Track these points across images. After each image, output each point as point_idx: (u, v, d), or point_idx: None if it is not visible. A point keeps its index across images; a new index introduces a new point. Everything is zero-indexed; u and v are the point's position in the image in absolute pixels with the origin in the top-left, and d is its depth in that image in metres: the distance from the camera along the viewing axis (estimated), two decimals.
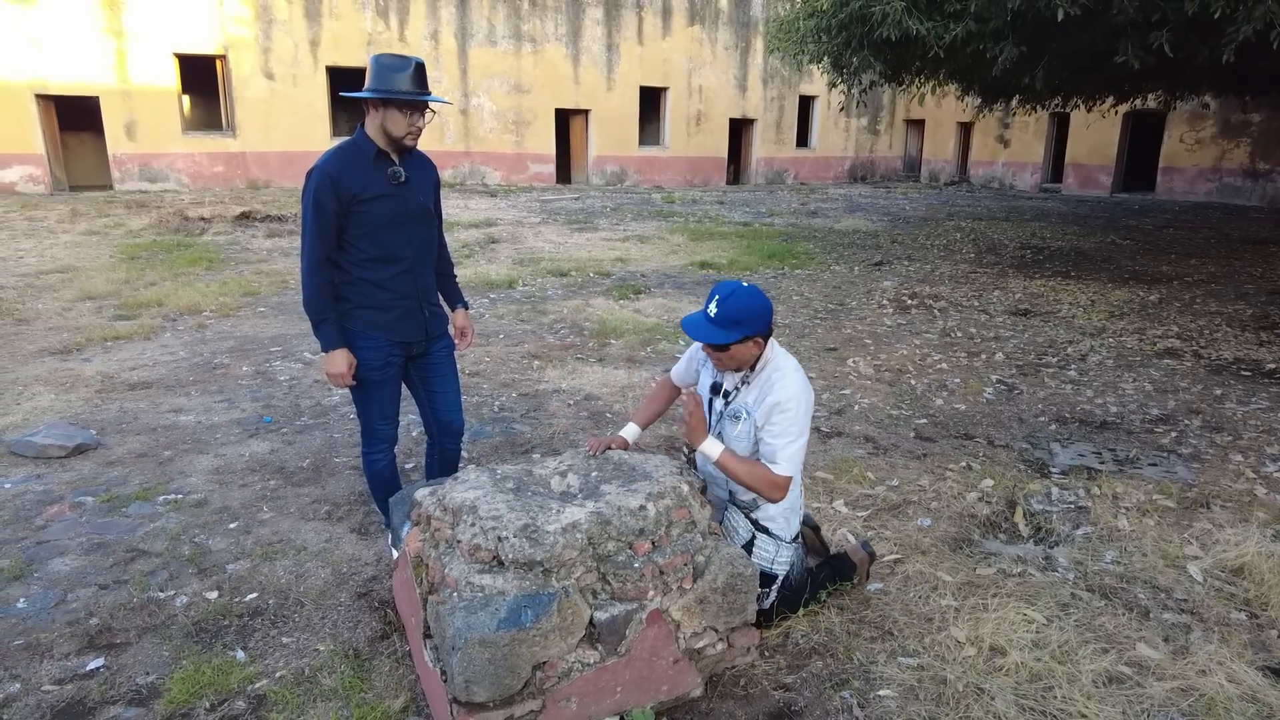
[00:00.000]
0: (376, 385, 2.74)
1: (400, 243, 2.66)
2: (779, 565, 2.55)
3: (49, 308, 6.97)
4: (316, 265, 2.56)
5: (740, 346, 2.34)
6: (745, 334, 2.31)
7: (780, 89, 23.75)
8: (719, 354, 2.38)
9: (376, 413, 2.79)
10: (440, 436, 2.97)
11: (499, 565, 2.00)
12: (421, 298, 2.77)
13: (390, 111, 2.52)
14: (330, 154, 2.58)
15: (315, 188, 2.51)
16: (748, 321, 2.30)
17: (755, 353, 2.41)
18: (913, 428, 4.62)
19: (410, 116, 2.54)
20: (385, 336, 2.70)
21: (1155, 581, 2.98)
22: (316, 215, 2.52)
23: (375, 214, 2.58)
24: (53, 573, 2.91)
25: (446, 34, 18.95)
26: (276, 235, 11.36)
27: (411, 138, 2.59)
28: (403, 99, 2.49)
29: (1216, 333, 6.84)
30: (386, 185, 2.60)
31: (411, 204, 2.67)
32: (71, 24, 15.43)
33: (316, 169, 2.54)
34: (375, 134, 2.59)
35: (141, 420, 4.44)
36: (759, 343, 2.38)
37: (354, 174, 2.54)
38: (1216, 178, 19.10)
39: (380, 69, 2.49)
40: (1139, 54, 6.34)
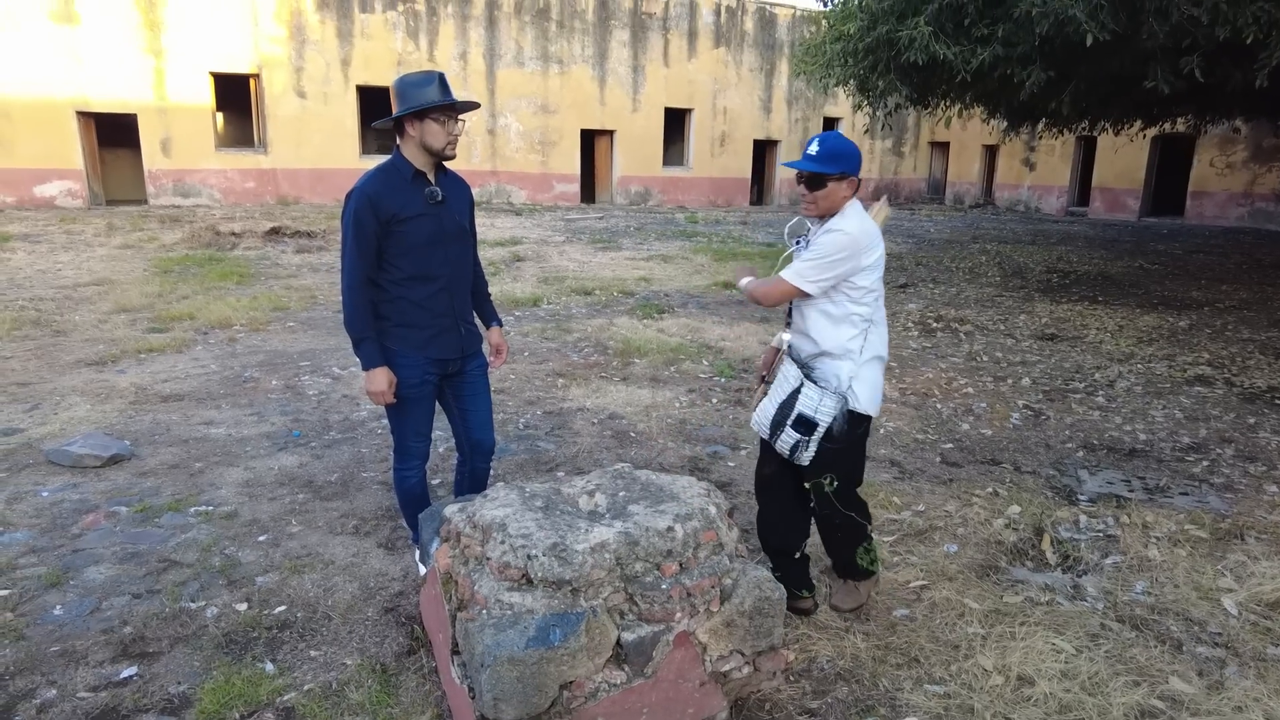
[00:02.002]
0: (412, 403, 2.78)
1: (437, 261, 2.71)
2: (821, 414, 2.57)
3: (85, 320, 7.13)
4: (357, 285, 2.61)
5: (835, 185, 2.52)
6: (842, 169, 2.50)
7: (804, 110, 23.84)
8: (814, 194, 2.55)
9: (411, 430, 2.83)
10: (472, 454, 3.00)
11: (528, 583, 2.02)
12: (458, 316, 2.81)
13: (428, 124, 2.57)
14: (369, 176, 2.63)
15: (355, 209, 2.57)
16: (844, 157, 2.51)
17: (846, 194, 2.55)
18: (939, 452, 4.59)
19: (447, 126, 2.60)
20: (422, 354, 2.74)
21: (1188, 614, 2.93)
22: (356, 235, 2.57)
23: (413, 233, 2.62)
24: (88, 581, 2.96)
25: (475, 55, 19.26)
26: (305, 251, 11.55)
27: (451, 147, 2.64)
28: (436, 108, 2.55)
29: (1249, 360, 6.73)
30: (424, 205, 2.64)
31: (448, 223, 2.72)
32: (114, 43, 15.89)
33: (356, 190, 2.59)
34: (413, 154, 2.64)
35: (174, 432, 4.52)
36: (852, 183, 2.55)
37: (392, 194, 2.59)
38: (1248, 203, 18.86)
39: (407, 88, 2.56)
40: (1169, 79, 6.31)
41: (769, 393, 2.72)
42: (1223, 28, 5.71)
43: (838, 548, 2.89)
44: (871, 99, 9.75)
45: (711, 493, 2.38)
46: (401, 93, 2.56)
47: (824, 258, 2.50)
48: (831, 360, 2.63)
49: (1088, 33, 5.76)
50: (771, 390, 2.71)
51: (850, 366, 2.63)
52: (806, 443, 2.60)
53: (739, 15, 22.26)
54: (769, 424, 2.68)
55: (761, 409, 2.73)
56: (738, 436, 4.72)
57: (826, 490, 2.71)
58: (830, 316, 2.60)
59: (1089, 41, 5.80)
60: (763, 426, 2.72)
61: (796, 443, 2.61)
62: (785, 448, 2.64)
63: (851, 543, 2.84)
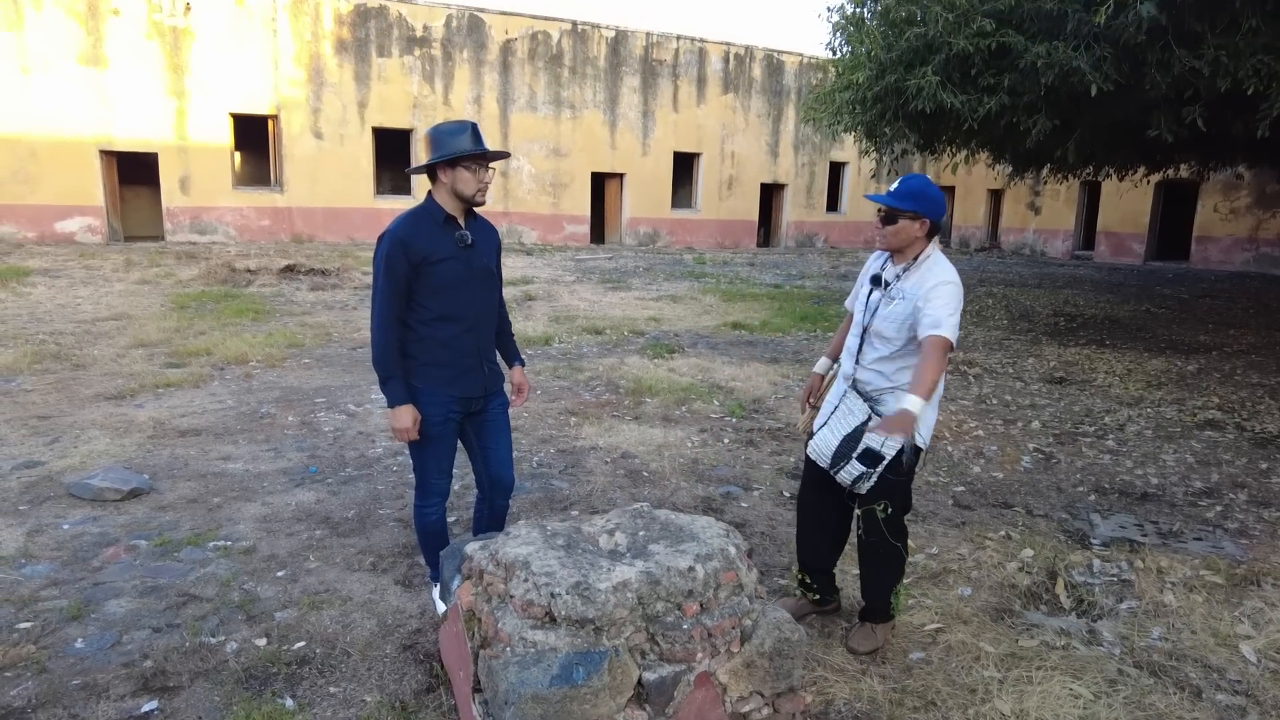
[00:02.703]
0: (436, 440, 2.83)
1: (465, 303, 2.77)
2: (888, 449, 2.66)
3: (104, 354, 7.23)
4: (387, 324, 2.68)
5: (907, 222, 2.63)
6: (916, 208, 2.61)
7: (811, 155, 24.21)
8: (887, 228, 2.68)
9: (434, 467, 2.88)
10: (491, 492, 3.04)
11: (551, 621, 2.04)
12: (482, 355, 2.87)
13: (459, 172, 2.66)
14: (402, 219, 2.71)
15: (387, 252, 2.64)
16: (920, 198, 2.64)
17: (918, 235, 2.66)
18: (951, 495, 4.60)
19: (478, 174, 2.68)
20: (447, 392, 2.80)
21: (1206, 660, 2.92)
22: (388, 277, 2.65)
23: (443, 275, 2.70)
24: (109, 614, 2.99)
25: (489, 99, 19.70)
26: (320, 289, 11.71)
27: (481, 194, 2.72)
28: (469, 157, 2.64)
29: (1259, 405, 6.74)
30: (454, 248, 2.72)
31: (476, 266, 2.80)
32: (139, 85, 16.33)
33: (388, 234, 2.67)
34: (444, 200, 2.73)
35: (192, 466, 4.57)
36: (925, 225, 2.65)
37: (423, 238, 2.67)
38: (1253, 247, 18.97)
39: (441, 136, 2.64)
40: (1172, 128, 6.44)
41: (830, 424, 2.80)
42: (1224, 79, 5.85)
43: (876, 580, 2.92)
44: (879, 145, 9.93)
45: (731, 533, 2.41)
46: (435, 140, 2.66)
47: (955, 309, 2.59)
48: None
49: (1092, 83, 5.91)
50: (833, 422, 2.80)
51: None
52: (870, 474, 2.69)
53: (747, 62, 22.75)
54: (830, 455, 2.77)
55: (822, 440, 2.81)
56: (750, 477, 4.75)
57: (879, 517, 2.78)
58: (908, 356, 2.71)
59: (1093, 92, 5.94)
60: (823, 457, 2.80)
61: (860, 475, 2.70)
62: (848, 479, 2.73)
63: (891, 574, 2.90)
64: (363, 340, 8.30)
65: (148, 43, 16.33)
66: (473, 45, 19.35)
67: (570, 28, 20.47)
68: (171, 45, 16.53)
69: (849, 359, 2.86)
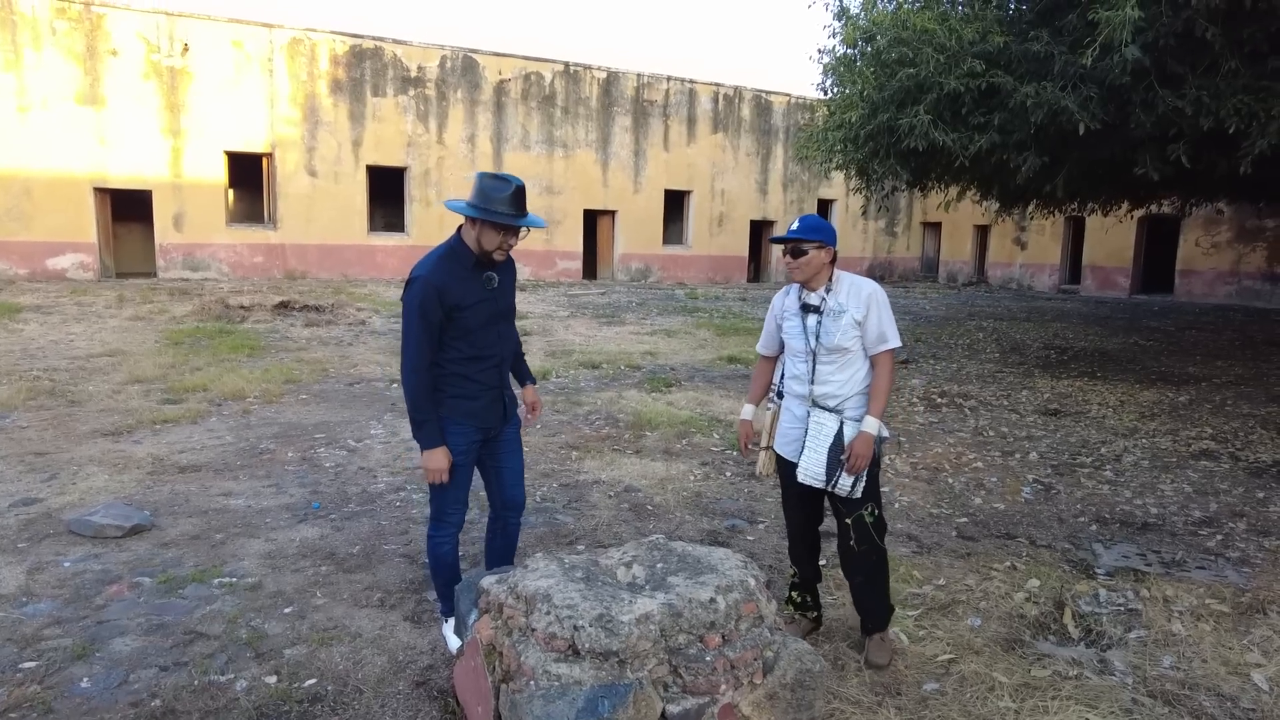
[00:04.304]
0: (457, 468, 2.87)
1: (491, 340, 2.86)
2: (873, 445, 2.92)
3: (99, 390, 7.19)
4: (420, 368, 2.72)
5: (816, 252, 2.94)
6: (821, 239, 2.94)
7: (800, 192, 24.57)
8: (798, 261, 2.96)
9: (451, 497, 2.92)
10: (504, 510, 3.12)
11: (575, 654, 2.04)
12: (503, 385, 2.97)
13: (486, 228, 2.71)
14: (432, 263, 2.74)
15: (421, 299, 2.67)
16: (822, 230, 2.96)
17: (825, 260, 2.97)
18: (954, 526, 4.62)
19: (504, 236, 2.72)
20: (472, 423, 2.87)
21: (1219, 689, 2.93)
22: (422, 322, 2.68)
23: (473, 318, 2.77)
24: (114, 653, 2.95)
25: (483, 138, 19.94)
26: (315, 325, 11.71)
27: (501, 254, 2.77)
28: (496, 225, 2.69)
29: (1252, 435, 6.82)
30: (482, 291, 2.79)
31: (501, 305, 2.90)
32: (135, 123, 16.45)
33: (421, 279, 2.69)
34: (471, 243, 2.79)
35: (193, 503, 4.53)
36: (829, 251, 2.97)
37: (456, 284, 2.72)
38: (1235, 280, 19.31)
39: (483, 188, 2.68)
40: (1158, 165, 6.62)
41: (810, 445, 2.98)
42: (1206, 118, 6.03)
43: (874, 588, 3.09)
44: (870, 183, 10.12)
45: (749, 564, 2.42)
46: (480, 190, 2.68)
47: (887, 313, 2.98)
48: (862, 397, 3.00)
49: (1080, 122, 6.08)
50: (810, 443, 2.98)
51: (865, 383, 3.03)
52: (861, 475, 2.93)
53: (736, 102, 23.19)
54: (824, 471, 2.95)
55: (811, 462, 2.98)
56: (755, 510, 4.75)
57: (868, 521, 2.99)
58: (859, 360, 2.99)
59: (1081, 130, 6.11)
60: (817, 477, 2.97)
61: (855, 478, 2.92)
62: (847, 487, 2.93)
63: (885, 578, 3.11)
64: (359, 376, 8.30)
65: (145, 82, 16.50)
66: (467, 85, 19.65)
67: (563, 69, 20.84)
68: (169, 85, 16.70)
69: (803, 384, 3.05)
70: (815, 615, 3.28)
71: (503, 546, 3.15)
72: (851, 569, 3.11)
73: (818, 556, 3.32)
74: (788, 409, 3.13)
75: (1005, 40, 6.42)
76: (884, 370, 2.96)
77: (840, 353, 2.95)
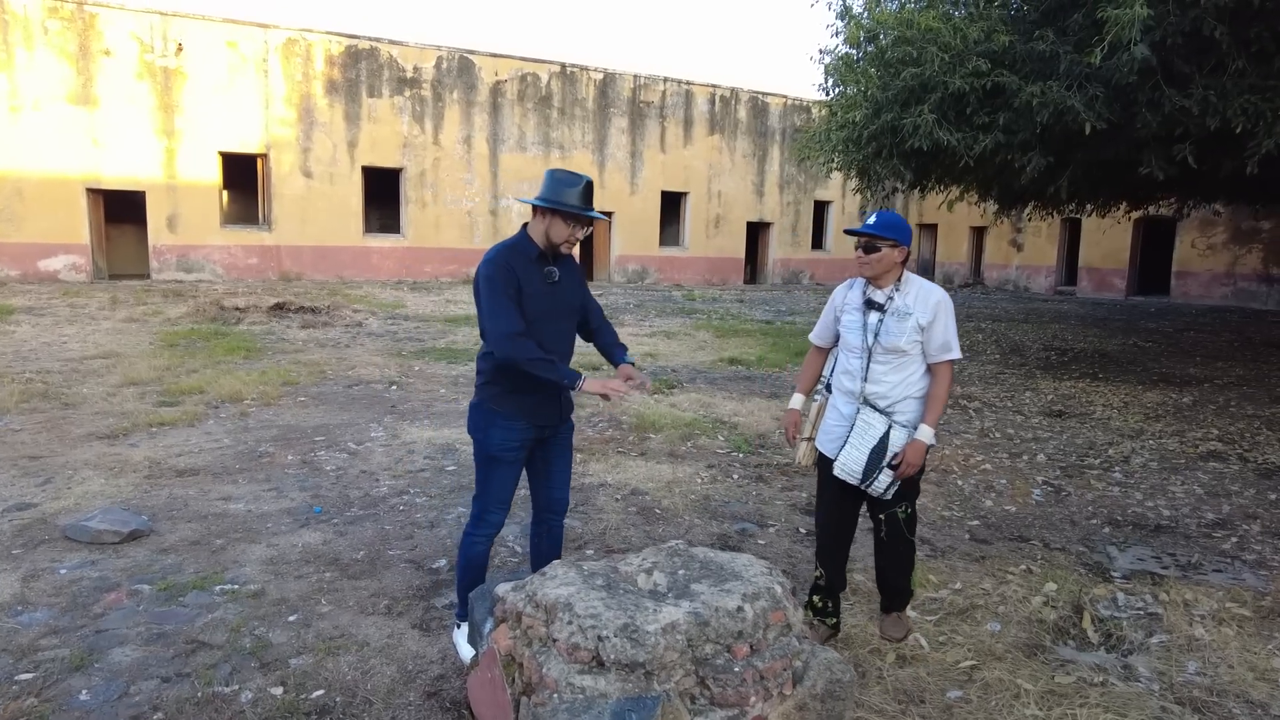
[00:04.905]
0: (506, 466, 2.87)
1: (548, 336, 2.83)
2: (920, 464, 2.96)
3: (94, 392, 7.07)
4: (513, 332, 2.69)
5: (889, 250, 2.91)
6: (896, 237, 2.89)
7: (796, 194, 24.55)
8: (869, 257, 2.93)
9: (496, 495, 2.90)
10: (546, 512, 3.10)
11: (599, 666, 1.96)
12: (558, 390, 2.94)
13: (556, 220, 2.77)
14: (499, 250, 2.81)
15: (489, 274, 2.73)
16: (898, 228, 2.92)
17: (897, 260, 2.94)
18: (966, 529, 4.56)
19: (572, 227, 2.79)
20: (526, 420, 2.86)
21: (1248, 695, 2.87)
22: (496, 292, 2.71)
23: (530, 307, 2.78)
24: (114, 663, 2.85)
25: (479, 139, 19.85)
26: (311, 326, 11.60)
27: (568, 245, 2.84)
28: (569, 211, 2.74)
29: (1258, 436, 6.79)
30: (542, 284, 2.82)
31: (560, 303, 2.90)
32: (129, 124, 16.31)
33: (488, 260, 2.77)
34: (538, 236, 2.83)
35: (192, 507, 4.44)
36: (902, 251, 2.94)
37: (520, 267, 2.78)
38: (1231, 282, 19.35)
39: (554, 182, 2.76)
40: (1163, 166, 6.58)
41: (852, 443, 2.98)
42: (1213, 118, 6.00)
43: (896, 576, 3.19)
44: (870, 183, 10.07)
45: (773, 571, 2.35)
46: (549, 184, 2.76)
47: (953, 323, 2.97)
48: (915, 402, 3.00)
49: (1086, 122, 6.03)
50: (855, 440, 2.98)
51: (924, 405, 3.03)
52: (897, 478, 2.93)
53: (732, 104, 23.16)
54: (861, 470, 2.96)
55: (850, 459, 2.98)
56: (764, 514, 4.68)
57: (900, 518, 3.04)
58: (917, 365, 2.99)
59: (1087, 130, 6.07)
60: (854, 475, 2.98)
61: (893, 479, 2.93)
62: (881, 487, 2.95)
63: (910, 564, 3.20)
64: (358, 378, 8.20)
65: (139, 83, 16.36)
66: (463, 86, 19.56)
67: (559, 69, 20.77)
68: (163, 85, 16.56)
69: (854, 380, 3.04)
70: (834, 623, 3.23)
71: (549, 550, 3.15)
72: (880, 554, 3.20)
73: (845, 563, 3.28)
74: (834, 405, 3.14)
75: (1010, 39, 6.38)
76: (944, 379, 2.98)
77: (897, 354, 2.95)
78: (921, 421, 2.96)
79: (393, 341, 10.68)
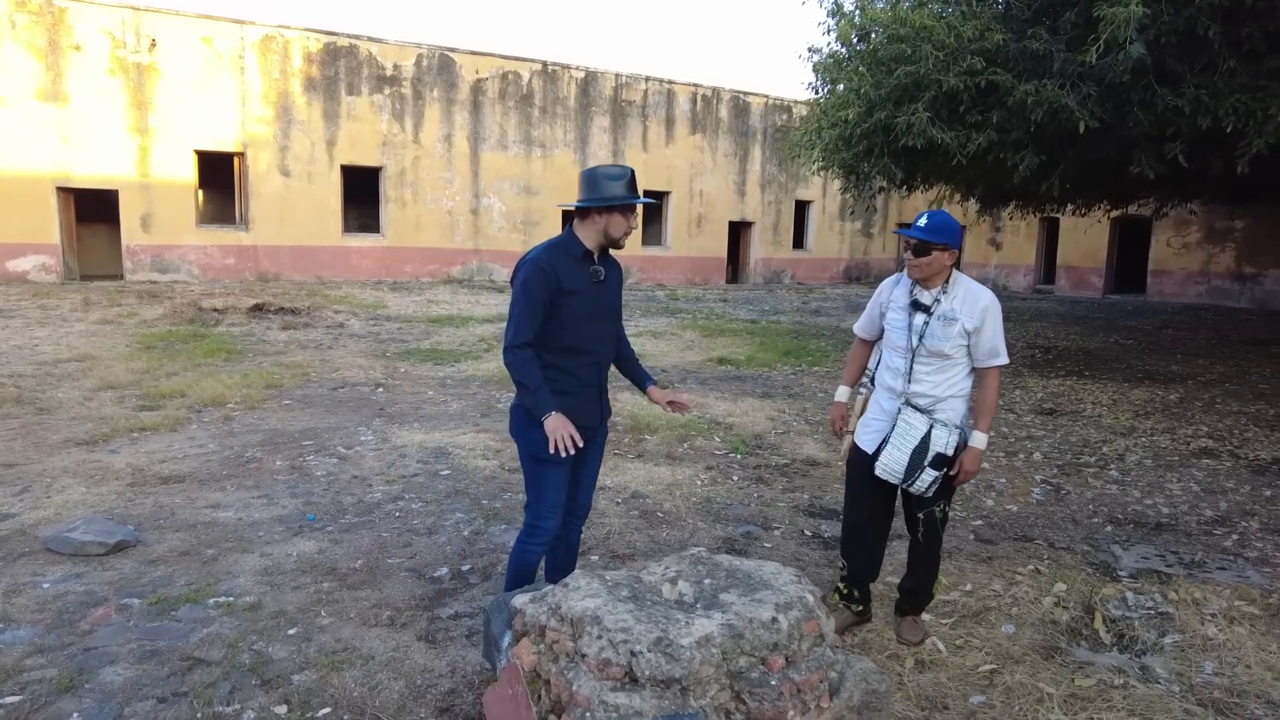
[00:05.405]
0: (556, 467, 2.83)
1: (592, 336, 2.84)
2: (950, 448, 2.93)
3: (70, 397, 6.85)
4: (518, 346, 2.72)
5: (939, 254, 2.88)
6: (947, 241, 2.87)
7: (777, 194, 24.58)
8: (919, 260, 2.90)
9: (550, 500, 2.86)
10: (569, 516, 3.05)
11: (632, 682, 1.88)
12: (601, 387, 2.96)
13: (614, 216, 2.78)
14: (542, 250, 2.79)
15: (527, 277, 2.71)
16: (949, 232, 2.89)
17: (947, 263, 2.92)
18: (970, 529, 4.53)
19: (629, 218, 2.81)
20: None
21: (1268, 696, 2.85)
22: (526, 300, 2.71)
23: (575, 307, 2.76)
24: (105, 683, 2.72)
25: (460, 138, 19.64)
26: (292, 328, 11.37)
27: (626, 237, 2.85)
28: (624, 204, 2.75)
29: (1246, 432, 6.85)
30: (587, 283, 2.80)
31: (604, 302, 2.88)
32: (100, 121, 15.90)
33: (529, 261, 2.75)
34: (586, 236, 2.81)
35: (179, 516, 4.28)
36: (952, 254, 2.91)
37: (563, 268, 2.75)
38: (1205, 280, 19.65)
39: (600, 179, 2.75)
40: (1154, 165, 6.62)
41: (894, 442, 2.97)
42: (1204, 117, 6.03)
43: (926, 576, 3.19)
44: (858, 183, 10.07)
45: (802, 579, 2.28)
46: (594, 182, 2.75)
47: (1000, 327, 2.96)
48: (957, 400, 3.00)
49: (1080, 120, 6.04)
50: (896, 439, 2.97)
51: (966, 404, 3.04)
52: (939, 477, 2.93)
53: (714, 103, 23.12)
54: (904, 470, 2.95)
55: (892, 459, 2.97)
56: (768, 516, 4.62)
57: (938, 516, 3.07)
58: (960, 366, 2.99)
59: (1081, 129, 6.08)
60: (895, 474, 2.97)
61: (934, 479, 2.93)
62: (924, 485, 2.94)
63: (937, 567, 3.23)
64: (343, 380, 8.04)
65: (110, 79, 15.97)
66: (443, 84, 19.34)
67: (540, 68, 20.61)
68: (135, 82, 16.18)
69: (898, 379, 3.03)
70: (860, 610, 3.27)
71: (565, 556, 3.11)
72: (913, 558, 3.19)
73: (881, 556, 3.28)
74: (876, 401, 3.14)
75: (1003, 38, 6.38)
76: (992, 384, 2.98)
77: (941, 357, 2.95)
78: (974, 429, 2.98)
79: (376, 343, 10.50)
